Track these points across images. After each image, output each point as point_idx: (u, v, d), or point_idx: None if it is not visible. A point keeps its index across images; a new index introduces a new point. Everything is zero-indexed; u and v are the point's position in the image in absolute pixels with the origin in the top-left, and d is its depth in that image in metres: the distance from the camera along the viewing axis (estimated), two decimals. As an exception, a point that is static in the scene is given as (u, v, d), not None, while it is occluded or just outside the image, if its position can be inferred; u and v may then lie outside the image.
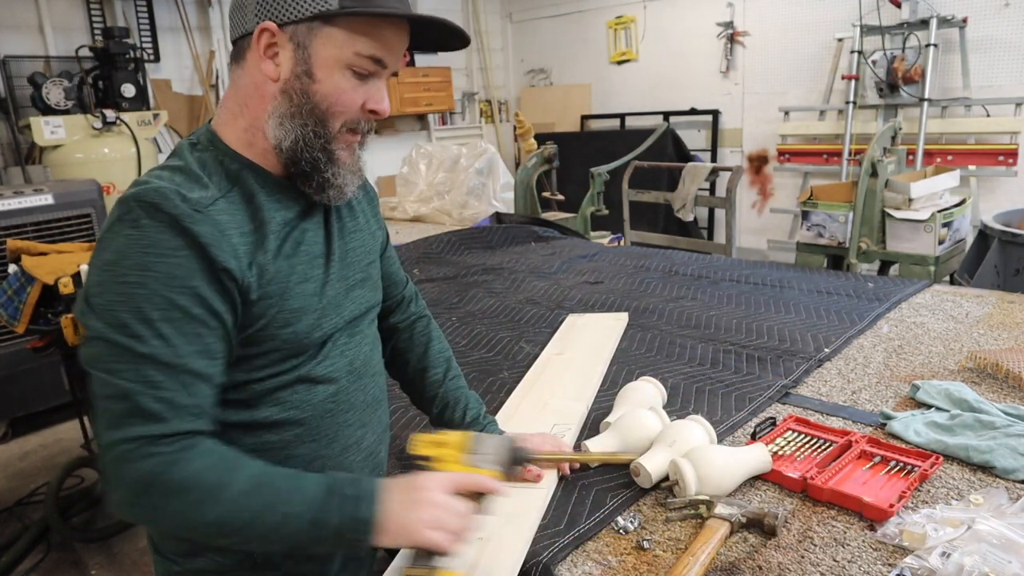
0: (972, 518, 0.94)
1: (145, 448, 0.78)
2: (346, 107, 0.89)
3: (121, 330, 0.78)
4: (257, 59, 0.88)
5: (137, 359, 0.78)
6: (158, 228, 0.80)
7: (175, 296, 0.80)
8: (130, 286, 0.79)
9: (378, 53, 0.88)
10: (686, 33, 5.89)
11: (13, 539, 2.72)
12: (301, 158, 0.90)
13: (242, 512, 0.79)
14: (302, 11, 0.85)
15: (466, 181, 4.07)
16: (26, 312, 2.59)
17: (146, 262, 0.79)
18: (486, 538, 1.00)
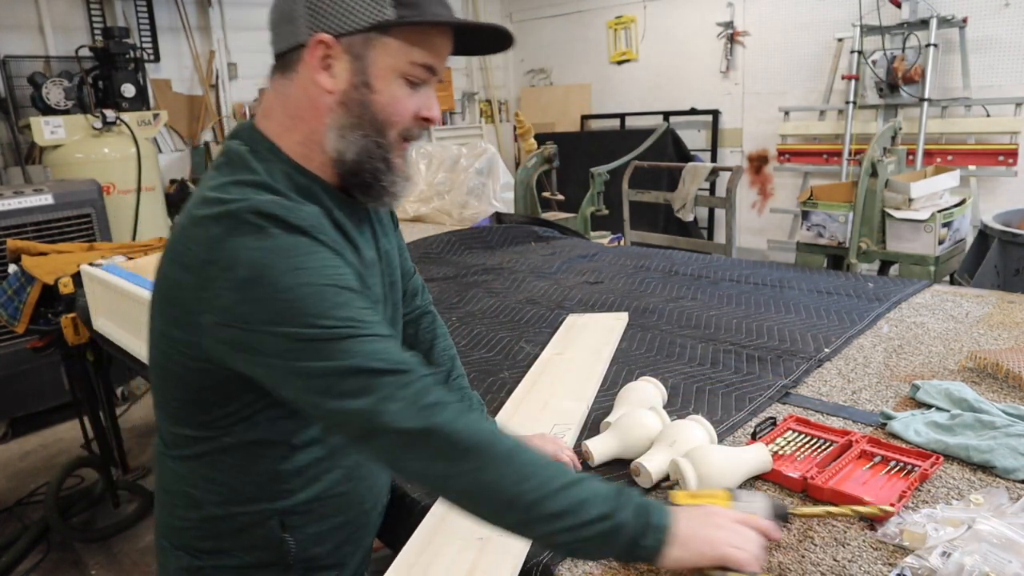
0: (972, 518, 0.94)
1: (410, 395, 0.77)
2: (402, 116, 0.90)
3: (312, 329, 0.77)
4: (311, 71, 0.87)
5: (346, 344, 0.78)
6: (290, 234, 0.80)
7: (337, 281, 0.81)
8: (294, 289, 0.78)
9: (431, 61, 0.89)
10: (686, 33, 5.89)
11: (13, 539, 2.72)
12: (364, 169, 0.90)
13: (543, 479, 0.78)
14: (358, 22, 0.85)
15: (466, 181, 4.07)
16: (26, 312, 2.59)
17: (296, 263, 0.79)
18: (486, 538, 1.00)
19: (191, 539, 0.98)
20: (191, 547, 0.98)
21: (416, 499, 1.15)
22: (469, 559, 0.96)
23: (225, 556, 0.97)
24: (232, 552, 0.97)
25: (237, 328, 0.79)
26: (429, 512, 1.09)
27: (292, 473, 0.95)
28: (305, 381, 0.79)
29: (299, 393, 0.81)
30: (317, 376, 0.78)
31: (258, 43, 5.54)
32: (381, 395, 0.77)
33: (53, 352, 2.83)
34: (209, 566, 0.98)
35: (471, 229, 3.21)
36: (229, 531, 0.96)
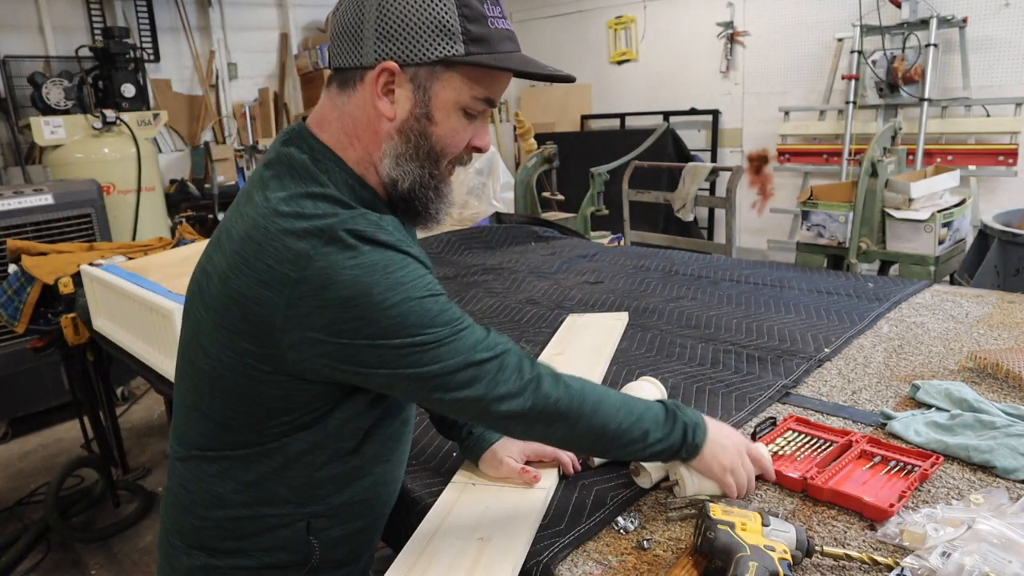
0: (972, 518, 0.93)
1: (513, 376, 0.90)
2: (457, 147, 0.93)
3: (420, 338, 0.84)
4: (372, 95, 0.88)
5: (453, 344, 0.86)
6: (381, 251, 0.83)
7: (432, 290, 0.86)
8: (399, 305, 0.82)
9: (492, 96, 0.92)
10: (686, 33, 5.89)
11: (13, 539, 2.73)
12: (415, 197, 0.93)
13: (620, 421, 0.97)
14: (428, 55, 0.85)
15: (466, 181, 4.07)
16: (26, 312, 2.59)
17: (396, 280, 0.82)
18: (486, 538, 1.00)
19: (210, 539, 0.98)
20: (209, 547, 0.98)
21: (416, 499, 1.15)
22: (469, 559, 0.96)
23: (244, 557, 0.97)
24: (252, 553, 0.97)
25: (340, 344, 0.83)
26: (429, 512, 1.09)
27: (327, 479, 0.96)
28: (417, 383, 0.86)
29: (413, 393, 0.90)
30: (430, 378, 0.86)
31: (258, 43, 5.55)
32: (489, 380, 0.88)
33: (53, 352, 2.83)
34: (227, 566, 0.98)
35: (471, 229, 3.21)
36: (254, 532, 0.96)
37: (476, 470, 1.18)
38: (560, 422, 0.93)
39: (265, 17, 5.60)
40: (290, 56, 5.71)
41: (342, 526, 1.00)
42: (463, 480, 1.16)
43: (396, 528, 1.17)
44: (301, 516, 0.96)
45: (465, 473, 1.18)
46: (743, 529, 0.90)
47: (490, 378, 0.88)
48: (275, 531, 0.96)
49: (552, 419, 0.93)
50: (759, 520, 0.92)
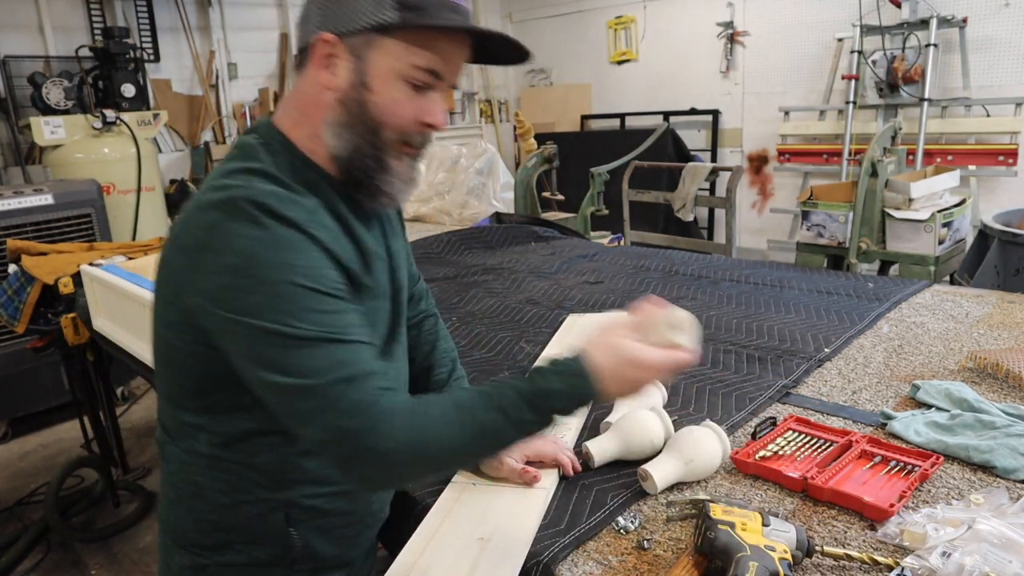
0: (972, 518, 0.93)
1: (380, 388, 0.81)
2: (400, 118, 0.90)
3: (283, 327, 0.79)
4: (316, 68, 0.89)
5: (314, 347, 0.79)
6: (283, 227, 0.81)
7: (317, 284, 0.81)
8: (275, 284, 0.79)
9: (435, 66, 0.89)
10: (686, 33, 5.89)
11: (13, 539, 2.72)
12: (355, 167, 0.91)
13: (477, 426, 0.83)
14: (360, 22, 0.86)
15: (466, 181, 4.07)
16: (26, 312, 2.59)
17: (283, 258, 0.80)
18: (486, 538, 1.00)
19: (196, 535, 0.98)
20: (196, 544, 0.99)
21: (416, 499, 1.15)
22: (469, 559, 0.96)
23: (230, 552, 0.97)
24: (237, 547, 0.97)
25: (218, 313, 0.81)
26: (429, 512, 1.09)
27: (296, 464, 0.95)
28: (266, 388, 0.81)
29: (263, 394, 0.83)
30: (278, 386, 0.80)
31: (258, 43, 5.55)
32: (325, 418, 0.79)
33: (53, 352, 2.83)
34: (214, 564, 0.98)
35: (471, 229, 3.21)
36: (235, 523, 0.96)
37: (476, 470, 1.18)
38: (408, 473, 0.86)
39: (265, 17, 5.60)
40: (290, 56, 5.71)
41: (323, 518, 0.99)
42: (463, 480, 1.16)
43: (396, 528, 1.17)
44: (277, 504, 0.95)
45: (465, 473, 1.18)
46: (743, 529, 0.90)
47: (327, 416, 0.79)
48: (254, 522, 0.96)
49: (400, 472, 0.85)
50: (759, 520, 0.92)
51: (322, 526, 0.99)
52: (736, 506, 0.95)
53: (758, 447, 1.20)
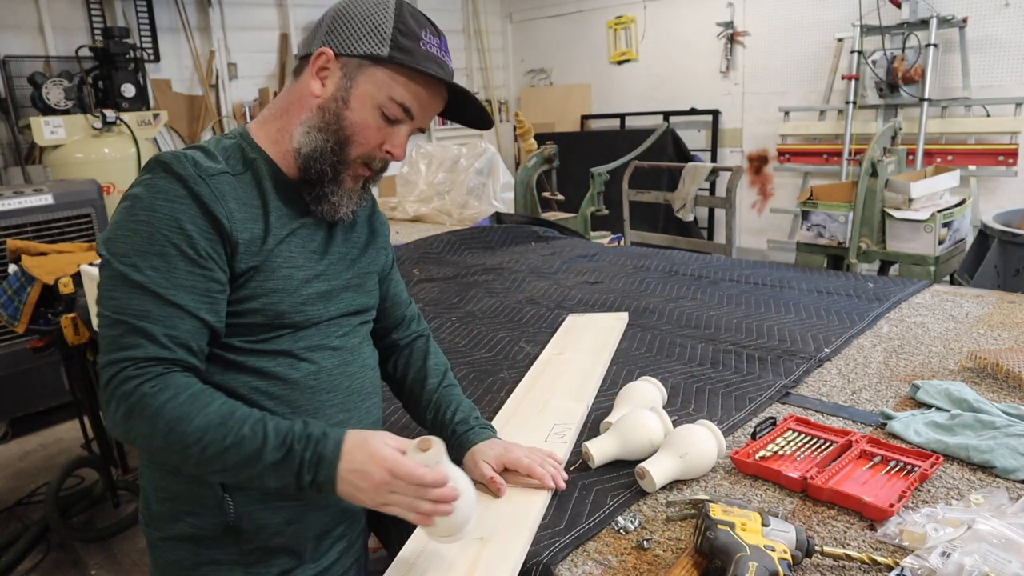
0: (972, 518, 0.93)
1: (128, 371, 0.87)
2: (366, 140, 1.00)
3: (122, 260, 0.90)
4: (310, 76, 1.00)
5: (132, 288, 0.89)
6: (169, 180, 0.92)
7: (174, 235, 0.90)
8: (139, 223, 0.91)
9: (408, 103, 1.00)
10: (686, 33, 5.89)
11: (13, 539, 2.72)
12: (312, 167, 1.00)
13: (205, 446, 0.87)
14: (358, 48, 0.98)
15: (466, 181, 4.07)
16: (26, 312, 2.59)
17: (154, 204, 0.91)
18: (486, 538, 1.00)
19: (154, 505, 1.04)
20: (155, 517, 1.04)
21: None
22: (468, 559, 0.96)
23: (180, 524, 1.01)
24: (184, 519, 1.00)
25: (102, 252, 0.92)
26: (429, 512, 1.09)
27: None
28: (99, 310, 0.91)
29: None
30: (100, 313, 0.90)
31: (258, 43, 5.55)
32: (108, 345, 0.89)
33: (53, 352, 2.83)
34: (169, 537, 1.02)
35: (471, 229, 3.21)
36: (179, 491, 1.00)
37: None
38: (137, 431, 0.88)
39: (265, 17, 5.60)
40: (290, 56, 5.71)
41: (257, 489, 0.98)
42: (463, 480, 1.16)
43: (395, 528, 1.17)
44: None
45: (465, 473, 1.18)
46: (743, 529, 0.90)
47: (109, 343, 0.89)
48: (192, 487, 0.99)
49: (130, 415, 0.87)
50: (759, 520, 0.92)
51: (263, 497, 1.00)
52: (736, 506, 0.95)
53: (758, 447, 1.20)
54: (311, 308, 1.02)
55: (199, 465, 0.88)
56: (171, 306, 0.90)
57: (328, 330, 1.05)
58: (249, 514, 1.00)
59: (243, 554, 1.01)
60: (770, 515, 0.94)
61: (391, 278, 1.26)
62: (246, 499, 0.99)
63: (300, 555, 1.05)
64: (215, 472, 0.90)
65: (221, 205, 0.93)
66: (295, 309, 1.00)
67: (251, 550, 1.01)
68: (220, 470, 0.89)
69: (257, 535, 1.01)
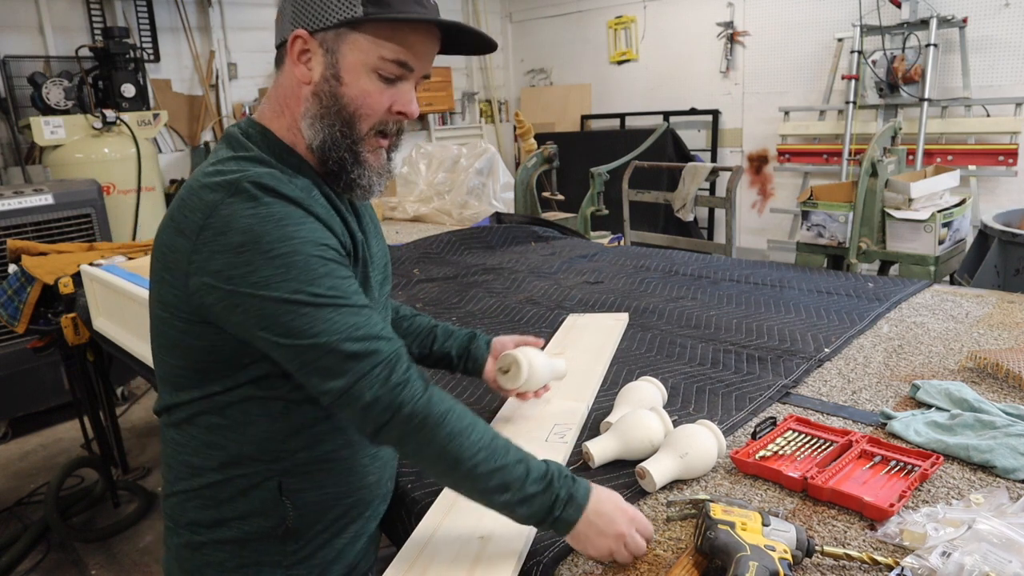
0: (972, 518, 0.93)
1: (380, 372, 0.87)
2: (372, 109, 0.94)
3: (296, 296, 0.84)
4: (292, 63, 0.94)
5: (324, 312, 0.85)
6: (283, 204, 0.87)
7: (323, 253, 0.87)
8: (284, 256, 0.84)
9: (402, 57, 0.93)
10: (686, 33, 5.90)
11: (13, 539, 2.72)
12: (329, 158, 0.95)
13: (476, 463, 0.89)
14: (330, 19, 0.91)
15: (466, 181, 4.07)
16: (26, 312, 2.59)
17: (287, 232, 0.85)
18: (486, 537, 1.00)
19: (192, 513, 1.00)
20: (192, 522, 1.00)
21: (417, 498, 1.15)
22: (470, 557, 0.96)
23: (224, 528, 0.99)
24: (231, 523, 0.99)
25: (224, 289, 0.85)
26: (430, 510, 1.09)
27: (289, 432, 0.97)
28: (287, 350, 0.86)
29: (283, 359, 0.88)
30: (298, 348, 0.85)
31: (258, 43, 5.55)
32: (353, 374, 0.86)
33: (53, 352, 2.83)
34: (210, 541, 1.00)
35: (471, 229, 3.21)
36: (228, 497, 0.98)
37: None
38: (412, 437, 0.89)
39: (265, 17, 5.60)
40: (290, 56, 5.71)
41: (317, 489, 1.00)
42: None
43: (396, 527, 1.17)
44: (271, 474, 0.97)
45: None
46: (743, 529, 0.90)
47: (355, 373, 0.86)
48: (248, 494, 0.97)
49: (405, 431, 0.88)
50: (759, 520, 0.92)
51: (316, 498, 1.00)
52: (736, 506, 0.95)
53: (758, 447, 1.20)
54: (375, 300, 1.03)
55: (463, 480, 0.91)
56: (364, 309, 0.89)
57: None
58: (303, 516, 1.00)
59: (286, 555, 1.01)
60: (770, 515, 0.94)
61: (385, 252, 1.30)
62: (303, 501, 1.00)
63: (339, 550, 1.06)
64: (468, 489, 0.92)
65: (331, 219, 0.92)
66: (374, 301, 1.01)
67: (296, 549, 1.01)
68: (479, 489, 0.91)
69: (306, 534, 1.01)
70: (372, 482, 1.08)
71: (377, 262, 1.08)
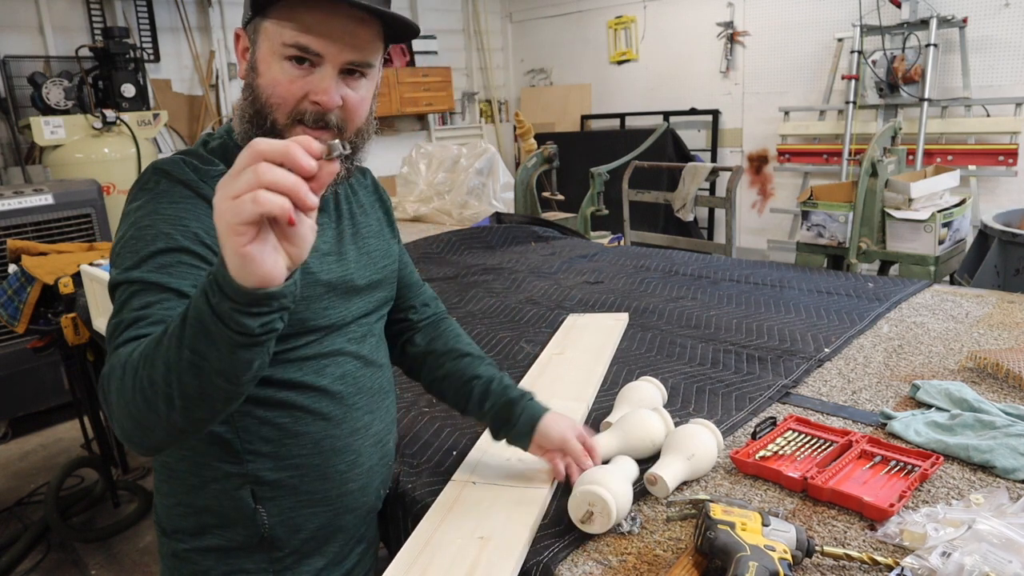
0: (972, 518, 0.93)
1: (122, 337, 0.79)
2: (282, 98, 0.89)
3: (127, 266, 0.82)
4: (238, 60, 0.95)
5: (139, 288, 0.81)
6: (172, 185, 0.88)
7: (177, 233, 0.84)
8: (142, 228, 0.85)
9: (301, 40, 0.86)
10: (686, 33, 5.90)
11: (13, 539, 2.72)
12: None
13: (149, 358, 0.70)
14: (247, 12, 0.91)
15: (466, 181, 4.07)
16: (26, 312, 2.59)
17: (158, 207, 0.86)
18: (486, 537, 1.00)
19: (177, 520, 1.01)
20: (178, 530, 1.01)
21: (416, 498, 1.15)
22: (469, 558, 0.96)
23: (207, 536, 0.99)
24: (212, 530, 0.99)
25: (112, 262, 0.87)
26: (429, 510, 1.09)
27: (254, 433, 0.95)
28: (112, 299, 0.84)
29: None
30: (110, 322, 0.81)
31: (258, 43, 5.54)
32: (111, 330, 0.80)
33: (53, 352, 2.83)
34: (194, 549, 1.00)
35: (471, 229, 3.21)
36: (206, 504, 0.98)
37: (476, 470, 1.18)
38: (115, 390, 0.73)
39: (265, 17, 5.60)
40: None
41: (291, 496, 0.99)
42: (463, 479, 1.16)
43: (395, 527, 1.17)
44: (242, 481, 0.96)
45: (465, 472, 1.18)
46: (743, 529, 0.90)
47: (112, 328, 0.79)
48: (223, 501, 0.97)
49: (108, 389, 0.75)
50: (759, 520, 0.92)
51: (295, 505, 0.99)
52: (736, 506, 0.95)
53: (758, 447, 1.20)
54: (333, 312, 0.99)
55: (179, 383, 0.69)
56: (172, 293, 0.80)
57: (351, 332, 1.03)
58: (281, 523, 0.99)
59: (272, 562, 1.01)
60: (770, 515, 0.94)
61: (403, 263, 1.23)
62: (278, 509, 0.99)
63: (327, 558, 1.06)
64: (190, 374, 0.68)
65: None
66: (318, 314, 0.97)
67: (280, 557, 1.01)
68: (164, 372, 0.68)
69: (289, 542, 1.01)
70: (354, 489, 1.05)
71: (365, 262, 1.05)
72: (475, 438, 1.31)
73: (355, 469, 1.04)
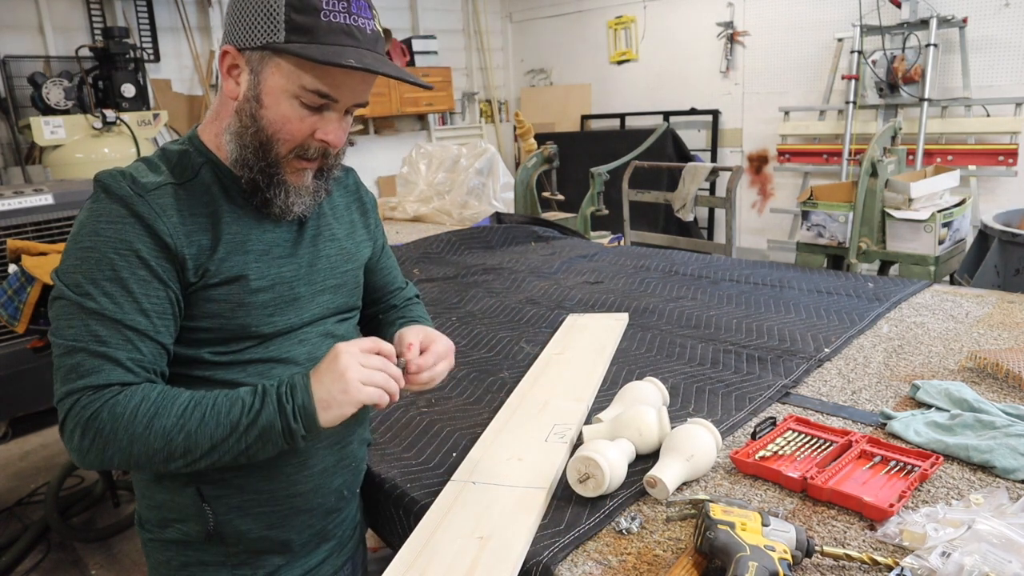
0: (972, 518, 0.93)
1: (85, 399, 0.85)
2: (291, 135, 0.92)
3: (75, 289, 0.87)
4: (223, 77, 0.94)
5: (85, 315, 0.86)
6: (110, 201, 0.89)
7: (119, 258, 0.87)
8: (84, 250, 0.87)
9: (324, 89, 0.90)
10: (686, 33, 5.90)
11: (13, 539, 2.72)
12: (244, 175, 0.95)
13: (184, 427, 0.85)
14: (255, 40, 0.89)
15: (466, 181, 4.07)
16: (26, 312, 2.59)
17: (98, 228, 0.88)
18: (486, 537, 1.00)
19: (145, 511, 1.05)
20: (147, 520, 1.04)
21: (416, 498, 1.15)
22: (469, 558, 0.96)
23: (169, 529, 1.02)
24: (172, 524, 1.01)
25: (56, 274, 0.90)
26: (429, 510, 1.09)
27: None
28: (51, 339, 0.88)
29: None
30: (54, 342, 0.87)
31: (258, 43, 5.55)
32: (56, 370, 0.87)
33: (53, 352, 2.83)
34: (159, 540, 1.03)
35: (471, 229, 3.21)
36: (163, 501, 1.01)
37: (476, 470, 1.18)
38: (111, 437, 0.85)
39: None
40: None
41: (238, 495, 0.99)
42: (463, 479, 1.16)
43: (395, 527, 1.17)
44: (187, 478, 0.97)
45: (465, 472, 1.18)
46: (743, 529, 0.90)
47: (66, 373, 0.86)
48: (175, 498, 0.99)
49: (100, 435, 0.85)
50: (759, 520, 0.92)
51: (241, 504, 1.00)
52: (736, 506, 0.95)
53: (758, 447, 1.20)
54: (279, 318, 0.98)
55: (185, 454, 0.86)
56: (130, 330, 0.87)
57: (303, 335, 1.02)
58: (229, 521, 1.00)
59: (228, 556, 1.03)
60: (770, 515, 0.94)
61: (380, 265, 1.22)
62: (224, 507, 0.99)
63: (286, 555, 1.06)
64: (203, 455, 0.86)
65: (162, 221, 0.88)
66: (260, 321, 0.96)
67: (236, 552, 1.03)
68: (208, 449, 0.86)
69: (240, 539, 1.02)
70: (304, 491, 1.04)
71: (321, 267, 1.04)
72: (475, 438, 1.31)
73: (304, 471, 1.04)
